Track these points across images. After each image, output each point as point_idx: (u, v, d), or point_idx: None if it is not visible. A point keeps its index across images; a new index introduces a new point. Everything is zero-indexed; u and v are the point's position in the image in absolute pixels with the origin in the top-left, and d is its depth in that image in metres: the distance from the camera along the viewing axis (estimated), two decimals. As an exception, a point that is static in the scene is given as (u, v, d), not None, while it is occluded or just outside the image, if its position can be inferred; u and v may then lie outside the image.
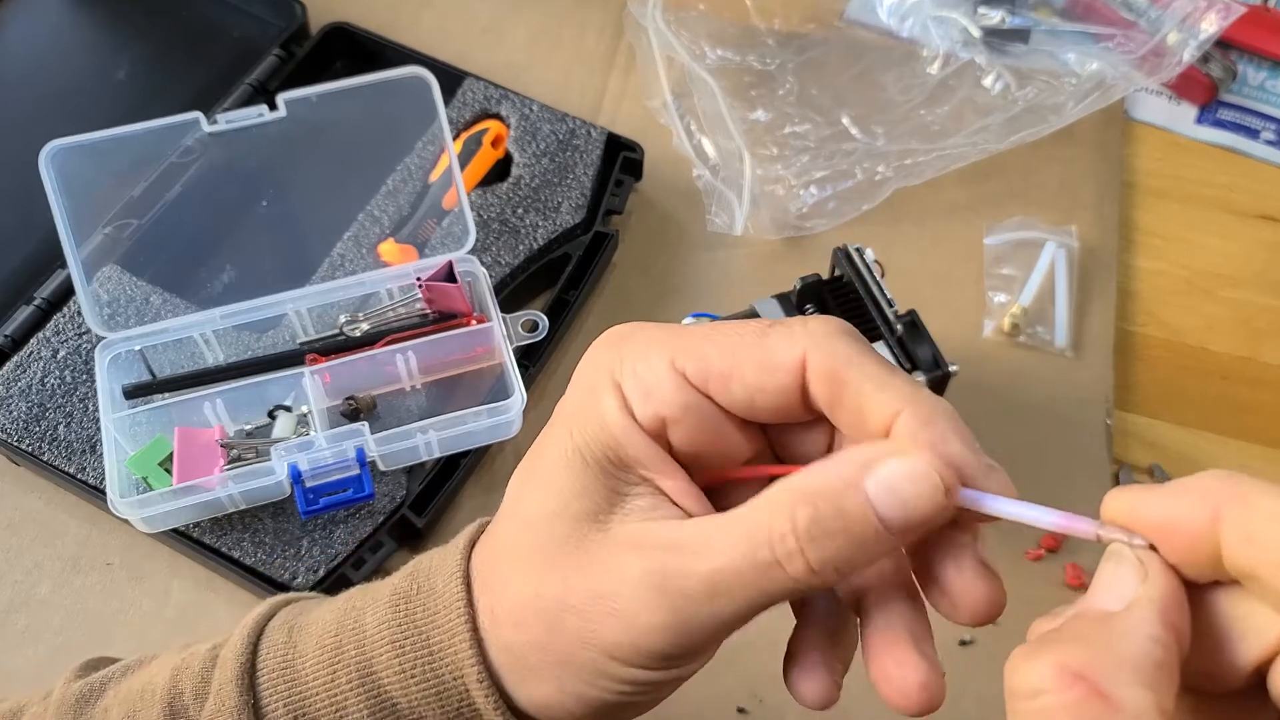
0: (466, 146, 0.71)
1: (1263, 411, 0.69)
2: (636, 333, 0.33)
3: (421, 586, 0.35)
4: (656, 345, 0.32)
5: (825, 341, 0.31)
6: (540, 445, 0.34)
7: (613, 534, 0.32)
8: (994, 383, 0.68)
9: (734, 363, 0.31)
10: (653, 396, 0.32)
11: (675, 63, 0.78)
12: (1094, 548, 0.68)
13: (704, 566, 0.30)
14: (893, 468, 0.28)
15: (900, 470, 0.28)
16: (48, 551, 0.61)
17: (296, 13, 0.78)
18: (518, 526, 0.34)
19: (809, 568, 0.28)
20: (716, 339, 0.32)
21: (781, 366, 0.31)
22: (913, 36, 0.80)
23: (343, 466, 0.58)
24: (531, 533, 0.33)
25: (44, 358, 0.64)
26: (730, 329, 0.32)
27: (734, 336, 0.32)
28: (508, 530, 0.34)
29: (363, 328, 0.64)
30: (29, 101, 0.75)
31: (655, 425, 0.32)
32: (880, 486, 0.28)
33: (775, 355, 0.31)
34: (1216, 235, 0.76)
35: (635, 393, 0.32)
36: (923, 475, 0.28)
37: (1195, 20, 0.76)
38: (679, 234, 0.73)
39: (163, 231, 0.67)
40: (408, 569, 0.37)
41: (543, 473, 0.33)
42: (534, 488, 0.33)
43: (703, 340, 0.32)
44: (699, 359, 0.31)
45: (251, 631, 0.37)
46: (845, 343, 0.31)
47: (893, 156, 0.75)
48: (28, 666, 0.58)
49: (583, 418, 0.33)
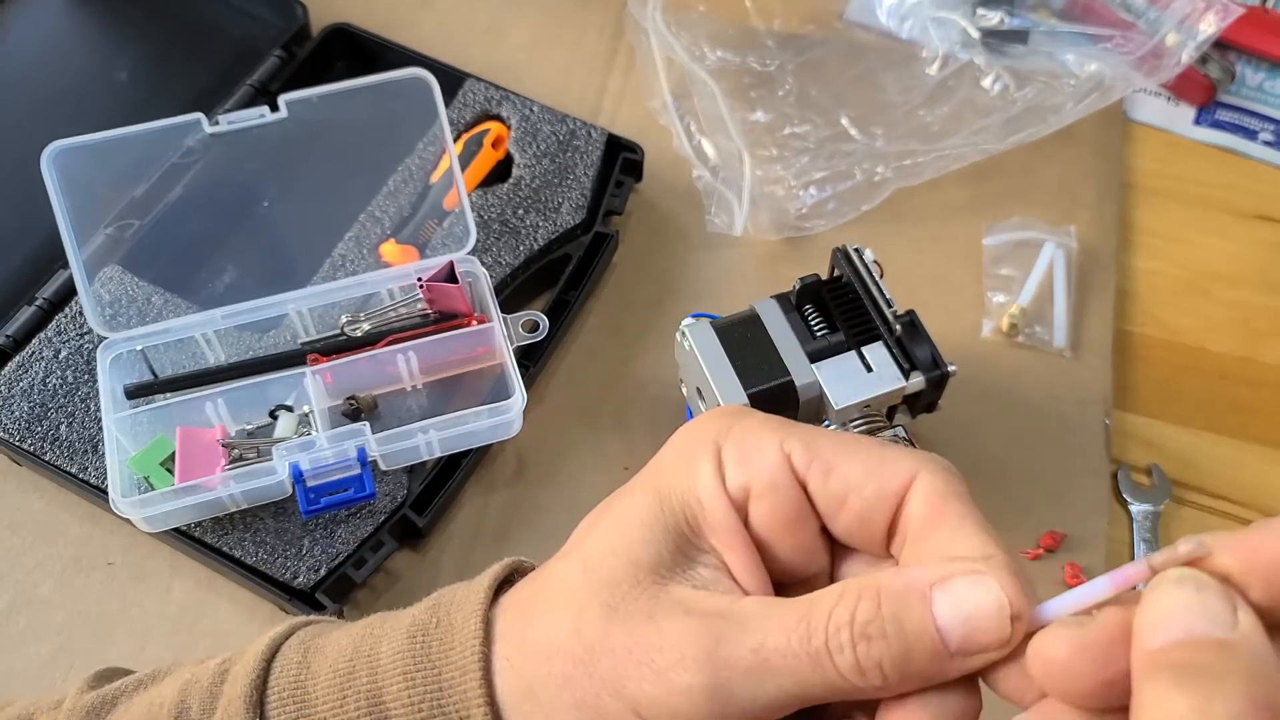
0: (467, 147, 0.71)
1: (1261, 411, 0.69)
2: (754, 413, 0.33)
3: (441, 620, 0.35)
4: (771, 426, 0.32)
5: (940, 471, 0.30)
6: (620, 492, 0.34)
7: (669, 592, 0.31)
8: (993, 383, 0.68)
9: (843, 458, 0.31)
10: (747, 464, 0.31)
11: (675, 64, 0.78)
12: (1094, 548, 0.68)
13: (753, 640, 0.29)
14: (964, 585, 0.28)
15: (970, 589, 0.28)
16: (49, 551, 0.61)
17: (297, 14, 0.78)
18: (575, 564, 0.33)
19: (857, 664, 0.28)
20: (832, 436, 0.32)
21: (890, 475, 0.30)
22: (912, 37, 0.80)
23: (344, 466, 0.58)
24: (587, 569, 0.32)
25: (46, 358, 0.64)
26: (850, 435, 0.32)
27: (850, 439, 0.32)
28: (564, 567, 0.33)
29: (364, 328, 0.64)
30: (30, 102, 0.75)
31: (740, 495, 0.32)
32: (948, 600, 0.28)
33: (887, 463, 0.31)
34: (1215, 235, 0.76)
35: (732, 458, 0.32)
36: (993, 598, 0.28)
37: (1194, 21, 0.77)
38: (679, 234, 0.74)
39: (164, 232, 0.67)
40: (431, 600, 0.36)
41: (615, 515, 0.33)
42: (603, 528, 0.33)
43: (817, 433, 0.32)
44: (808, 446, 0.31)
45: (267, 649, 0.36)
46: (958, 480, 0.30)
47: (892, 157, 0.75)
48: (29, 666, 0.58)
49: (672, 474, 0.33)
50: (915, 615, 0.28)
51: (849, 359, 0.58)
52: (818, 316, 0.60)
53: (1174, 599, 0.25)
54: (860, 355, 0.58)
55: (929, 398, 0.60)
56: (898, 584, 0.28)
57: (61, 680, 0.57)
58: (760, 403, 0.57)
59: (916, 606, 0.28)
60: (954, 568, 0.28)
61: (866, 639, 0.28)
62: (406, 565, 0.61)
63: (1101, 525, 0.63)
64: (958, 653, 0.28)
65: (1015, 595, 0.28)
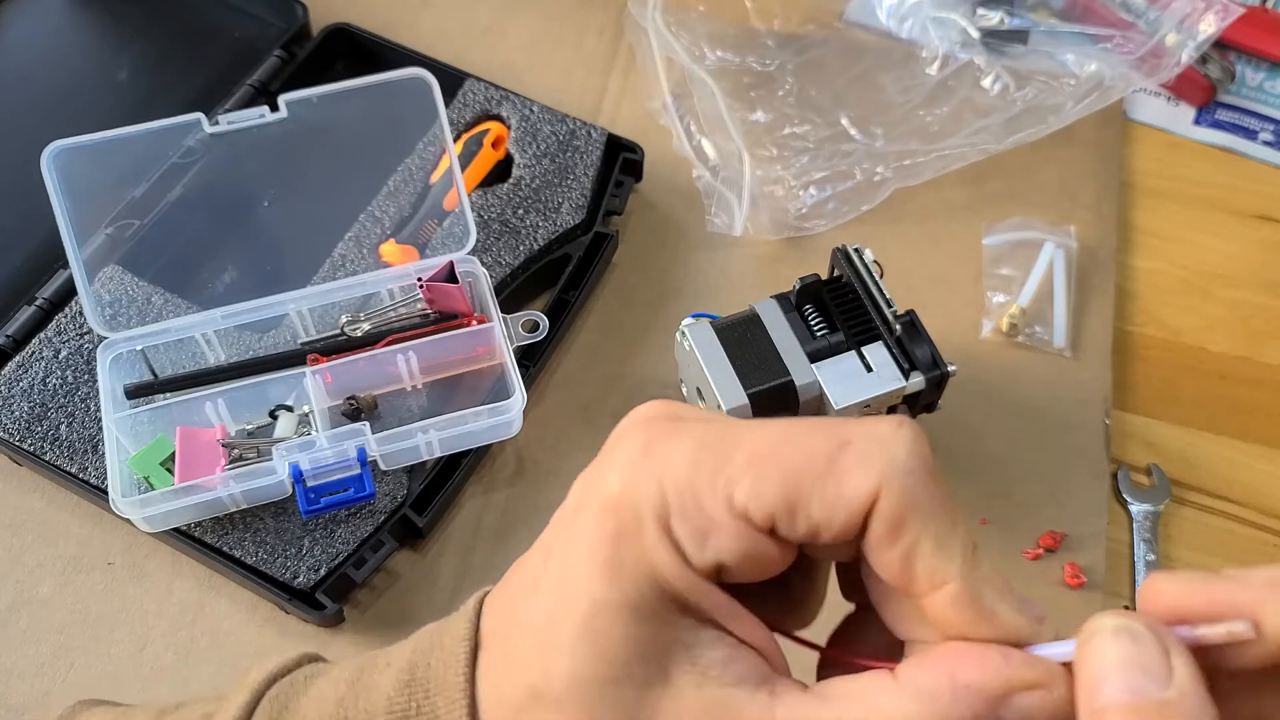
0: (467, 147, 0.71)
1: (1261, 411, 0.69)
2: (676, 443, 0.29)
3: (421, 707, 0.31)
4: (706, 474, 0.29)
5: (899, 481, 0.28)
6: (568, 575, 0.30)
7: (689, 702, 0.28)
8: (992, 383, 0.68)
9: (800, 493, 0.28)
10: (710, 542, 0.28)
11: (675, 64, 0.78)
12: (1094, 548, 0.68)
13: None
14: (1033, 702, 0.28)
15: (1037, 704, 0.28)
16: (49, 551, 0.61)
17: (298, 14, 0.78)
18: (566, 689, 0.29)
19: None
20: (779, 460, 0.28)
21: (853, 502, 0.28)
22: (912, 37, 0.80)
23: (344, 466, 0.58)
24: (588, 702, 0.29)
25: (46, 358, 0.64)
26: (795, 443, 0.29)
27: (800, 457, 0.28)
28: (548, 687, 0.29)
29: (364, 328, 0.64)
30: (30, 102, 0.75)
31: (712, 569, 0.29)
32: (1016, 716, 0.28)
33: (846, 487, 0.28)
34: (1215, 235, 0.76)
35: (689, 538, 0.29)
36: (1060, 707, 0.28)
37: (1194, 21, 0.77)
38: (679, 234, 0.74)
39: (164, 232, 0.67)
40: (404, 673, 0.32)
41: (585, 625, 0.29)
42: (577, 642, 0.29)
43: (762, 464, 0.28)
44: (760, 495, 0.28)
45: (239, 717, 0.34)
46: (922, 483, 0.28)
47: (892, 157, 0.75)
48: (29, 666, 0.58)
49: (629, 566, 0.29)
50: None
51: (849, 359, 0.58)
52: (818, 316, 0.60)
53: (1111, 653, 0.26)
54: (860, 355, 0.58)
55: (929, 398, 0.60)
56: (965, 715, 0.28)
57: (61, 680, 0.58)
58: (760, 403, 0.57)
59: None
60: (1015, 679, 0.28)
61: None
62: (406, 565, 0.61)
63: (1101, 525, 0.63)
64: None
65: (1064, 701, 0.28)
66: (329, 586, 0.58)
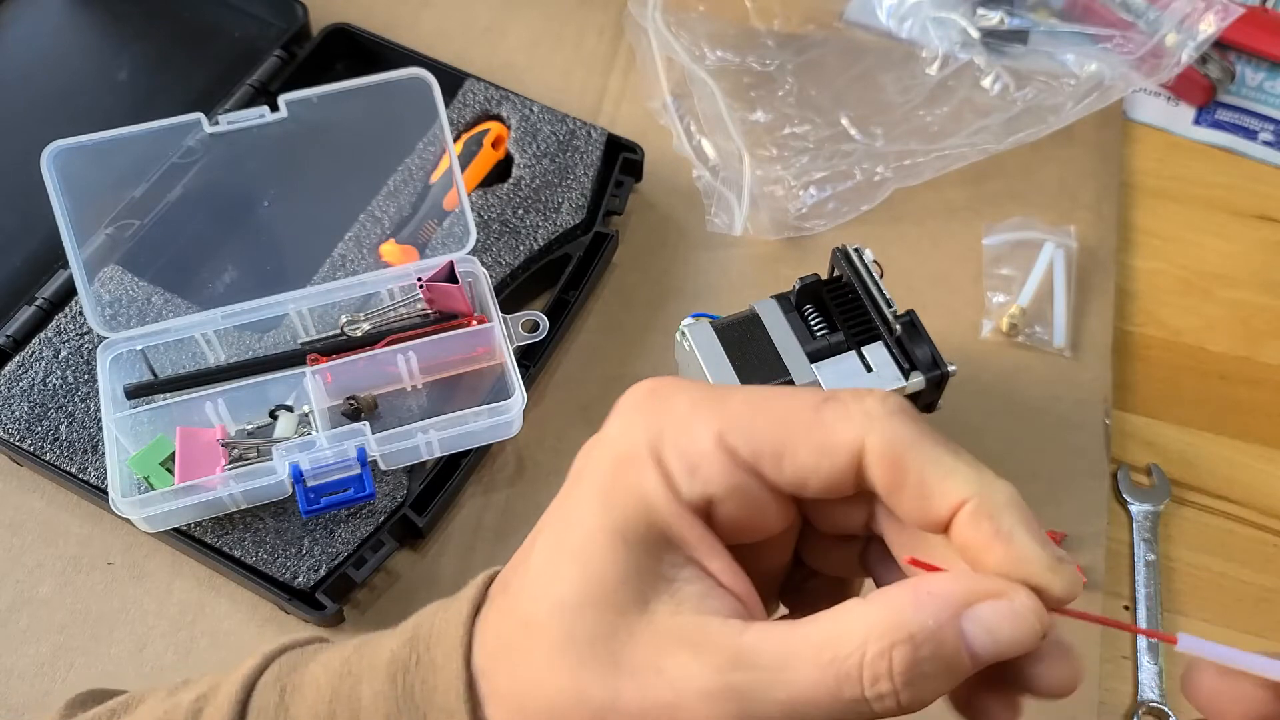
0: (467, 147, 0.71)
1: (1261, 411, 0.69)
2: (675, 395, 0.31)
3: (421, 658, 0.33)
4: (701, 415, 0.30)
5: (885, 423, 0.29)
6: (567, 514, 0.32)
7: (663, 627, 0.29)
8: (992, 383, 0.68)
9: (786, 441, 0.30)
10: (699, 474, 0.30)
11: (675, 64, 0.78)
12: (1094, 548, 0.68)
13: (783, 694, 0.28)
14: (993, 611, 0.28)
15: (1000, 615, 0.28)
16: (49, 551, 0.61)
17: (297, 14, 0.78)
18: (550, 612, 0.30)
19: (898, 705, 0.28)
20: (766, 411, 0.30)
21: (839, 448, 0.29)
22: (912, 37, 0.80)
23: (344, 466, 0.58)
24: (568, 622, 0.30)
25: (46, 358, 0.64)
26: (781, 400, 0.31)
27: (785, 410, 0.30)
28: (536, 614, 0.31)
29: (364, 328, 0.64)
30: (30, 102, 0.75)
31: (701, 504, 0.30)
32: (978, 628, 0.28)
33: (832, 435, 0.29)
34: (1215, 235, 0.76)
35: (680, 469, 0.30)
36: (1023, 622, 0.28)
37: (1193, 21, 0.77)
38: (679, 234, 0.74)
39: (164, 232, 0.67)
40: (407, 632, 0.34)
41: (577, 552, 0.30)
42: (567, 568, 0.30)
43: (751, 412, 0.30)
44: (748, 435, 0.30)
45: (242, 689, 0.34)
46: (905, 424, 0.29)
47: (892, 157, 0.75)
48: (29, 666, 0.58)
49: (620, 492, 0.30)
50: (950, 650, 0.28)
51: (849, 359, 0.58)
52: (818, 316, 0.60)
53: None
54: (860, 355, 0.58)
55: (929, 398, 0.60)
56: (928, 622, 0.28)
57: (61, 680, 0.58)
58: (760, 403, 0.57)
59: (950, 641, 0.28)
60: (976, 589, 0.28)
61: (911, 685, 0.27)
62: (406, 565, 0.61)
63: (1101, 525, 0.63)
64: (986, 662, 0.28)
65: (1039, 612, 0.28)
66: (329, 586, 0.58)
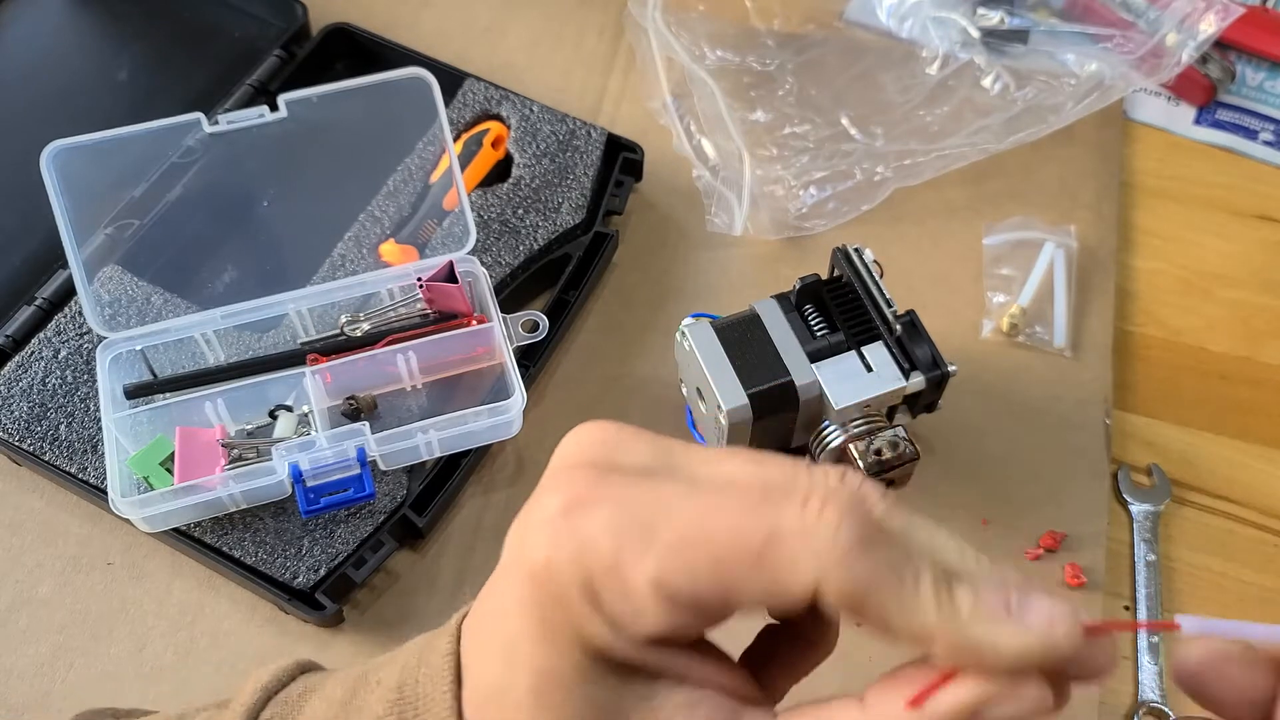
0: (467, 147, 0.71)
1: (1261, 411, 0.69)
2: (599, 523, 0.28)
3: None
4: (629, 558, 0.27)
5: (838, 569, 0.26)
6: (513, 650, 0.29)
7: None
8: (993, 383, 0.68)
9: (730, 586, 0.27)
10: (643, 619, 0.27)
11: (675, 64, 0.78)
12: (1094, 548, 0.68)
13: None
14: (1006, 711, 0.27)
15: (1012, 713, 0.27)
16: (49, 551, 0.61)
17: (297, 13, 0.78)
18: None
19: None
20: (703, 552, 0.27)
21: (789, 592, 0.27)
22: (912, 37, 0.80)
23: (343, 466, 0.58)
24: None
25: (45, 358, 0.64)
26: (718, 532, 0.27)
27: (724, 547, 0.27)
28: None
29: (363, 328, 0.64)
30: (30, 102, 0.75)
31: (655, 637, 0.28)
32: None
33: (780, 582, 0.27)
34: (1215, 235, 0.76)
35: (622, 613, 0.28)
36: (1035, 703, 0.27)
37: (1194, 21, 0.77)
38: (679, 234, 0.74)
39: (164, 232, 0.67)
40: (392, 693, 0.32)
41: (538, 697, 0.29)
42: (535, 711, 0.29)
43: (685, 554, 0.27)
44: (687, 581, 0.27)
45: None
46: (861, 562, 0.26)
47: (892, 157, 0.75)
48: (29, 666, 0.58)
49: (560, 637, 0.28)
50: None
51: (849, 359, 0.58)
52: (818, 316, 0.60)
53: None
54: (860, 355, 0.58)
55: (929, 398, 0.60)
56: None
57: (61, 680, 0.58)
58: (760, 403, 0.57)
59: None
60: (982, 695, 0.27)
61: None
62: (406, 565, 0.61)
63: (1102, 525, 0.63)
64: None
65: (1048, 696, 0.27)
66: (329, 587, 0.58)
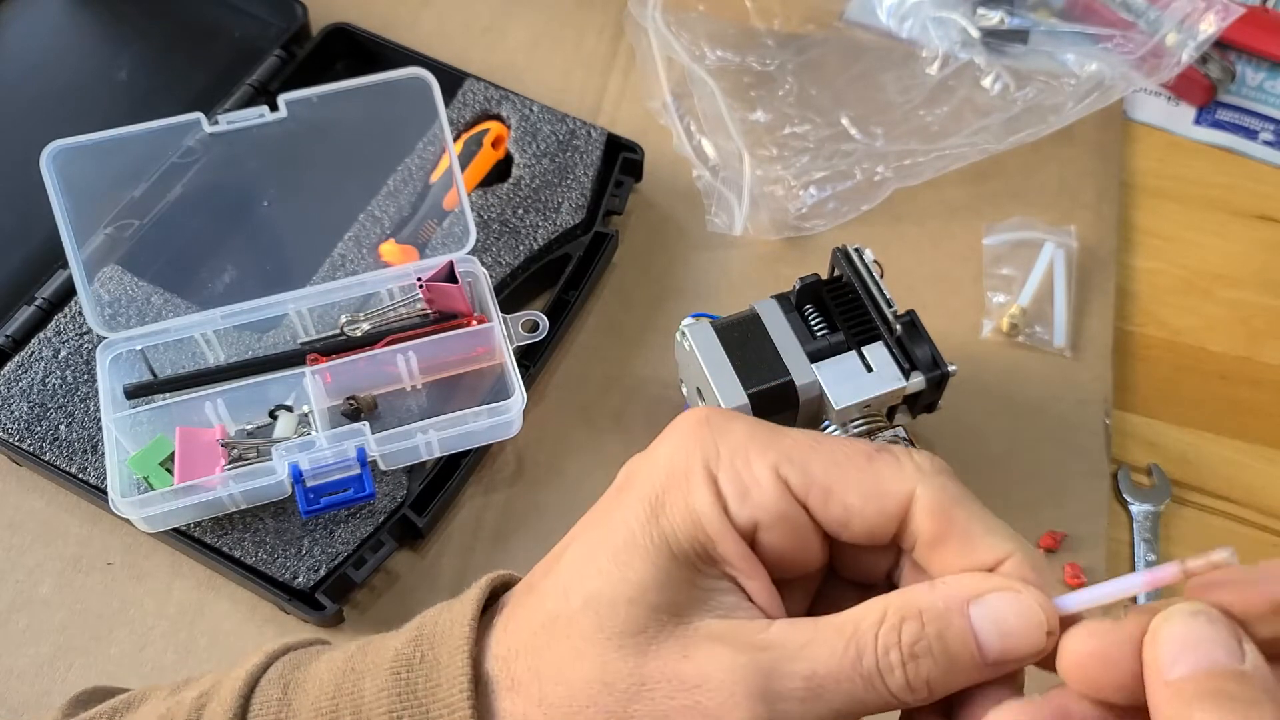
0: (467, 147, 0.71)
1: (1261, 411, 0.69)
2: (733, 423, 0.33)
3: (425, 655, 0.33)
4: (758, 445, 0.32)
5: (935, 479, 0.31)
6: (609, 519, 0.33)
7: (696, 628, 0.31)
8: (993, 383, 0.68)
9: (838, 481, 0.31)
10: (750, 498, 0.31)
11: (675, 64, 0.78)
12: (1094, 548, 0.68)
13: (803, 668, 0.29)
14: (1001, 601, 0.29)
15: (1007, 605, 0.29)
16: (49, 551, 0.61)
17: (297, 13, 0.78)
18: (583, 605, 0.31)
19: (907, 683, 0.29)
20: (821, 452, 0.32)
21: (889, 495, 0.31)
22: (912, 37, 0.80)
23: (343, 466, 0.58)
24: (601, 619, 0.31)
25: (45, 358, 0.64)
26: (836, 445, 0.32)
27: (839, 453, 0.32)
28: (565, 608, 0.32)
29: (363, 328, 0.64)
30: (30, 102, 0.75)
31: (747, 527, 0.31)
32: (985, 618, 0.29)
33: (883, 483, 0.31)
34: (1215, 235, 0.76)
35: (732, 491, 0.31)
36: (1029, 613, 0.29)
37: (1194, 21, 0.77)
38: (679, 234, 0.74)
39: (164, 232, 0.67)
40: (412, 631, 0.35)
41: (618, 552, 0.32)
42: (606, 566, 0.32)
43: (807, 450, 0.32)
44: (802, 469, 0.31)
45: (245, 685, 0.35)
46: (954, 483, 0.31)
47: (892, 157, 0.75)
48: (29, 666, 0.58)
49: (671, 504, 0.32)
50: (957, 633, 0.29)
51: (849, 359, 0.58)
52: (818, 316, 0.60)
53: (1191, 630, 0.27)
54: (860, 355, 0.58)
55: (929, 398, 0.60)
56: (938, 603, 0.30)
57: (61, 680, 0.57)
58: (760, 403, 0.57)
59: (957, 624, 0.29)
60: (987, 583, 0.30)
61: (915, 658, 0.29)
62: (406, 565, 0.61)
63: (1102, 525, 0.63)
64: (995, 664, 0.29)
65: (1048, 609, 0.29)
66: (329, 587, 0.58)
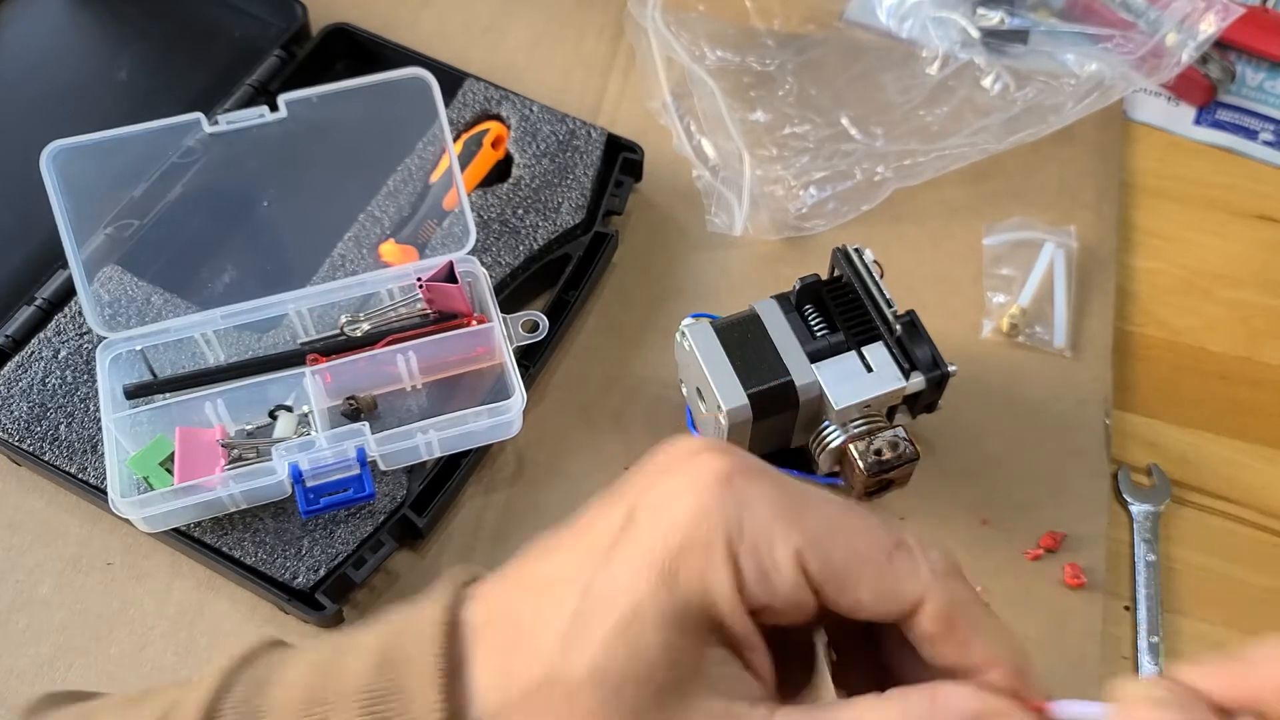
0: (467, 147, 0.71)
1: (1261, 411, 0.69)
2: (758, 488, 0.32)
3: (394, 686, 0.32)
4: (783, 524, 0.31)
5: (946, 584, 0.32)
6: (615, 576, 0.31)
7: (695, 708, 0.31)
8: (993, 383, 0.68)
9: (855, 576, 0.32)
10: (768, 582, 0.31)
11: (675, 64, 0.78)
12: (1094, 548, 0.68)
13: None
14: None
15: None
16: (49, 551, 0.61)
17: (297, 13, 0.78)
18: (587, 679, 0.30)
19: None
20: (844, 540, 0.32)
21: (901, 598, 0.32)
22: (912, 37, 0.80)
23: (343, 466, 0.58)
24: (606, 694, 0.30)
25: (45, 358, 0.64)
26: (859, 530, 0.32)
27: (861, 543, 0.32)
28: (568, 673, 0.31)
29: (363, 328, 0.64)
30: (30, 102, 0.75)
31: (759, 606, 0.32)
32: None
33: (898, 585, 0.32)
34: (1215, 235, 0.76)
35: (753, 573, 0.31)
36: None
37: (1194, 21, 0.77)
38: (679, 234, 0.74)
39: (164, 232, 0.67)
40: (373, 654, 0.33)
41: (626, 623, 0.30)
42: (612, 638, 0.30)
43: (829, 536, 0.32)
44: (824, 559, 0.31)
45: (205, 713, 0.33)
46: (963, 586, 0.33)
47: (892, 157, 0.75)
48: (29, 666, 0.58)
49: (686, 576, 0.31)
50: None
51: (849, 359, 0.58)
52: (818, 316, 0.60)
53: None
54: (860, 355, 0.58)
55: (929, 398, 0.60)
56: None
57: (61, 680, 0.58)
58: (760, 403, 0.57)
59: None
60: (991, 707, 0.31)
61: None
62: (406, 565, 0.61)
63: (1101, 525, 0.63)
64: None
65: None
66: (328, 587, 0.58)
